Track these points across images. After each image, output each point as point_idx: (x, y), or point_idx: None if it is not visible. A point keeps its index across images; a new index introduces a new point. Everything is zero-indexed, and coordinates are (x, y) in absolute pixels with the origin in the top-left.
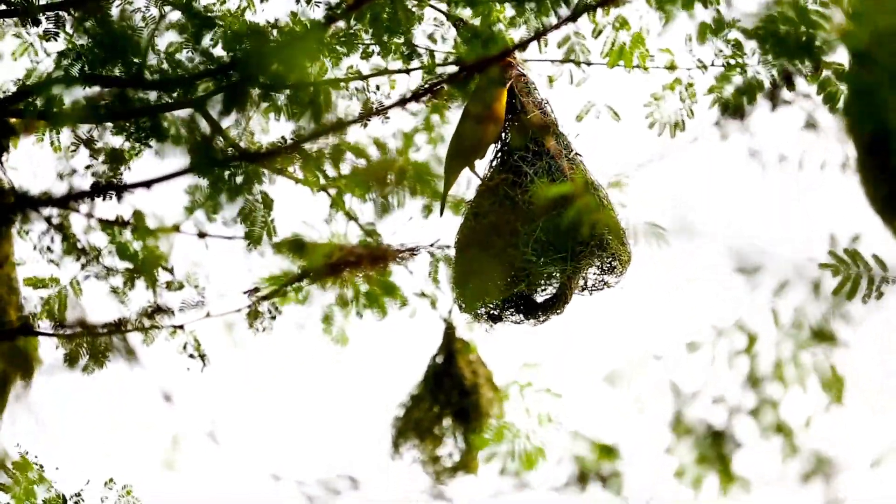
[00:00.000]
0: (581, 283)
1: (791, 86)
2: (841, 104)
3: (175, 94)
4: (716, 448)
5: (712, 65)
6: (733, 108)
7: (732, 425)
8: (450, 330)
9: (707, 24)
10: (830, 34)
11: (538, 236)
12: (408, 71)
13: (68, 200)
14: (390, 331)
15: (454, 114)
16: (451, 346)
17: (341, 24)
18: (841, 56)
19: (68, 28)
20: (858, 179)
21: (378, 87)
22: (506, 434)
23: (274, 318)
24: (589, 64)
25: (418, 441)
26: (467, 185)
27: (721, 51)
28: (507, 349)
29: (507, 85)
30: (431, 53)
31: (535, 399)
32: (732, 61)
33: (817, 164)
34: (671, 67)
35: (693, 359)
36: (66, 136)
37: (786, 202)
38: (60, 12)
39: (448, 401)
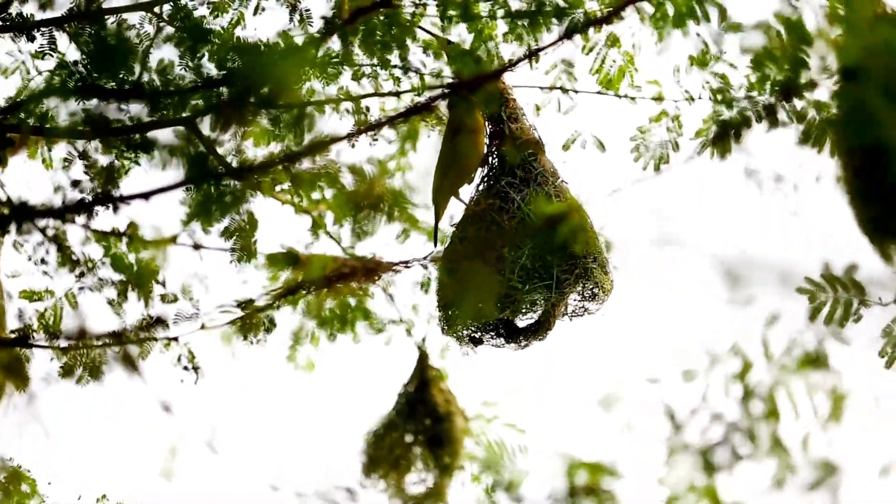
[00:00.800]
0: (562, 309)
1: (788, 100)
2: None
3: (166, 112)
4: (707, 473)
5: (699, 98)
6: (724, 137)
7: (730, 444)
8: (423, 357)
9: (695, 57)
10: (824, 50)
11: (524, 263)
12: (398, 94)
13: (64, 212)
14: (387, 339)
15: (429, 141)
16: (425, 373)
17: (335, 40)
18: (825, 84)
19: (62, 45)
20: (847, 201)
21: (368, 109)
22: (485, 461)
23: (269, 330)
24: (576, 91)
25: (388, 469)
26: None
27: (708, 83)
28: (487, 373)
29: (495, 107)
30: (422, 77)
31: (500, 433)
32: (720, 95)
33: (812, 180)
34: (658, 98)
35: (689, 384)
36: (58, 150)
37: (780, 219)
38: (54, 30)
39: (421, 428)
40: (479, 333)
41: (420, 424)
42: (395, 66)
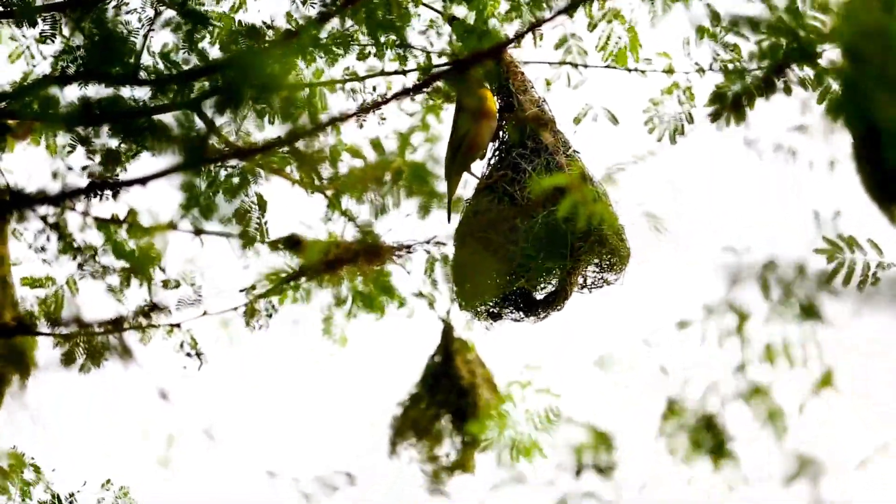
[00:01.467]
0: (580, 280)
1: (783, 76)
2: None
3: (171, 95)
4: (708, 430)
5: (710, 68)
6: (731, 105)
7: (724, 409)
8: (448, 329)
9: (704, 28)
10: (822, 33)
11: (537, 232)
12: (404, 72)
13: (64, 198)
14: (388, 329)
15: (449, 113)
16: (450, 345)
17: (336, 22)
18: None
19: (65, 30)
20: (854, 167)
21: (374, 88)
22: (503, 424)
23: (270, 315)
24: (586, 66)
25: (416, 440)
26: (464, 184)
27: (718, 55)
28: (505, 346)
29: (494, 84)
30: (428, 55)
31: (535, 399)
32: (730, 66)
33: (809, 161)
34: (669, 71)
35: (684, 341)
36: (62, 136)
37: (781, 191)
38: (56, 14)
39: (446, 400)
40: (498, 308)
41: (445, 396)
42: (398, 46)
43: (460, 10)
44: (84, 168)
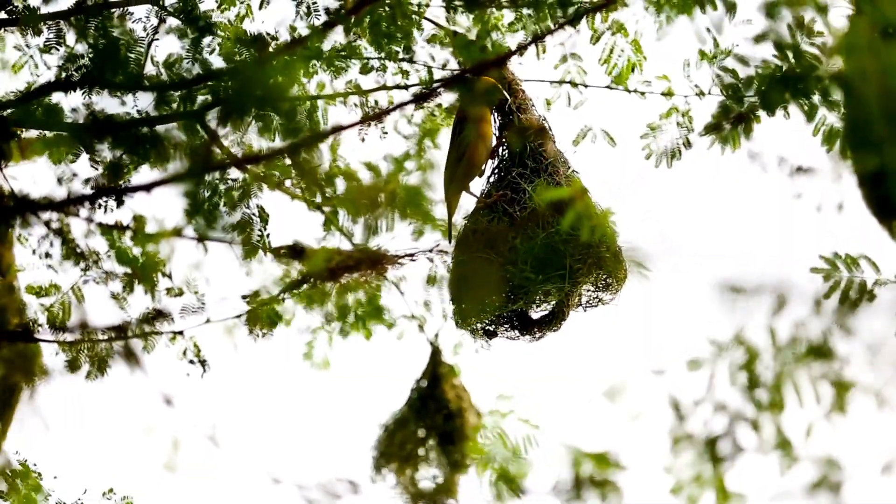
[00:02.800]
0: (576, 300)
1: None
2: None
3: (174, 106)
4: (713, 463)
5: (709, 92)
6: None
7: (733, 435)
8: (436, 353)
9: (704, 52)
10: (823, 73)
11: (537, 253)
12: (407, 87)
13: (68, 204)
14: (390, 334)
15: (446, 134)
16: (437, 369)
17: (340, 32)
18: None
19: (69, 40)
20: (855, 182)
21: (377, 102)
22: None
23: (274, 323)
24: (586, 86)
25: (399, 464)
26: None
27: (719, 76)
28: (500, 365)
29: (492, 104)
30: (430, 70)
31: (514, 428)
32: (729, 90)
33: (814, 204)
34: (668, 94)
35: (693, 374)
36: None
37: (783, 210)
38: (61, 23)
39: (432, 424)
40: (494, 326)
41: (431, 420)
42: (401, 59)
43: (463, 22)
44: (86, 181)
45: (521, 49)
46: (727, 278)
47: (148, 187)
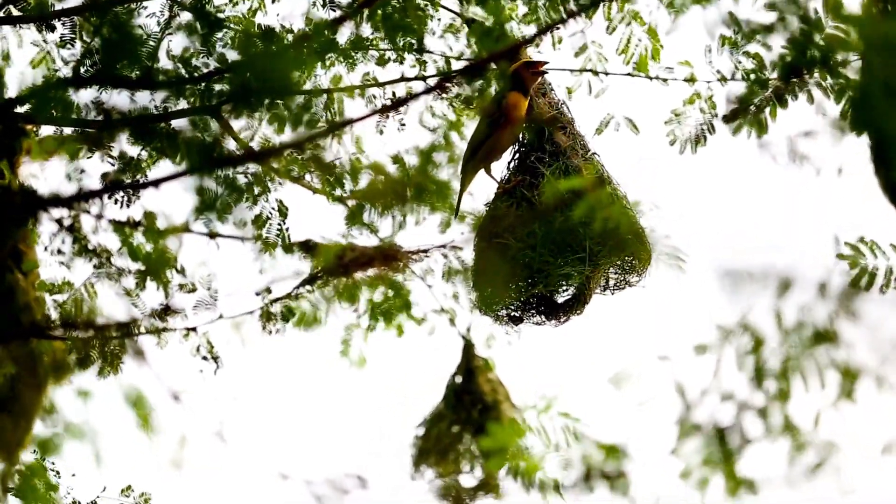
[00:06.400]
0: (602, 282)
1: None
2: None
3: (189, 99)
4: (722, 449)
5: (732, 77)
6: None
7: (740, 424)
8: (468, 347)
9: (726, 37)
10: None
11: (555, 237)
12: (424, 78)
13: (78, 200)
14: (406, 335)
15: (470, 125)
16: (470, 363)
17: (351, 25)
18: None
19: (84, 35)
20: (872, 169)
21: (394, 94)
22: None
23: (287, 319)
24: (607, 73)
25: (438, 461)
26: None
27: (740, 62)
28: (520, 353)
29: (529, 94)
30: (447, 59)
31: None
32: (752, 76)
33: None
34: (691, 80)
35: (699, 360)
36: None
37: (794, 197)
38: (76, 19)
39: (468, 418)
40: (519, 312)
41: (467, 415)
42: (416, 50)
43: (477, 13)
44: (104, 175)
45: (535, 37)
46: (732, 264)
47: (157, 182)
